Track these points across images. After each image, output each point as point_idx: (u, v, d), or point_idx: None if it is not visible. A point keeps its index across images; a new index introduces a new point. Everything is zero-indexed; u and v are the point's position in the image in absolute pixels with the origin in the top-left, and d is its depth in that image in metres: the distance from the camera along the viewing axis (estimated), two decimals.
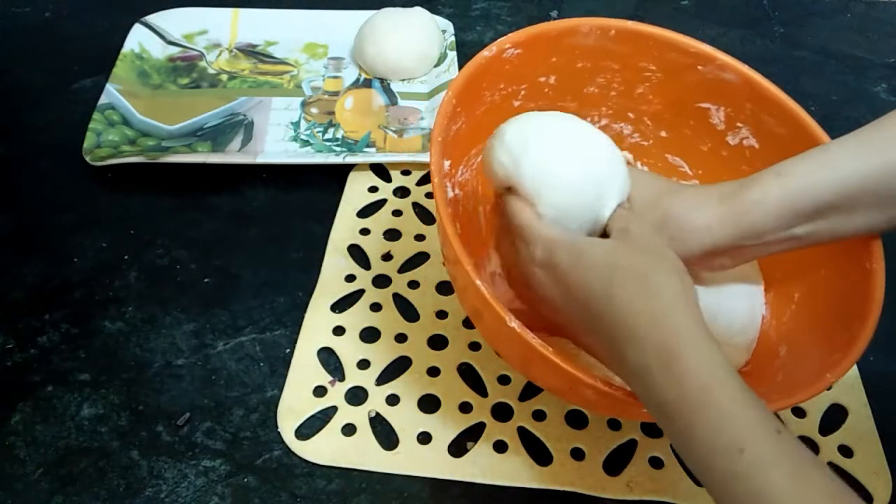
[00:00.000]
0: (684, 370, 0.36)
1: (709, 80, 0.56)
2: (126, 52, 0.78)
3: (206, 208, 0.67)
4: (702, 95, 0.57)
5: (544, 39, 0.54)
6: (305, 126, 0.74)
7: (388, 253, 0.64)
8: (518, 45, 0.53)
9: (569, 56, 0.47)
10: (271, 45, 0.83)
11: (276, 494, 0.50)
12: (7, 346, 0.56)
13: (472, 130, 0.54)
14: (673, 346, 0.36)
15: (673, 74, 0.57)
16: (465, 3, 0.91)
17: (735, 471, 0.34)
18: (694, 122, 0.58)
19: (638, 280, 0.39)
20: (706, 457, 0.35)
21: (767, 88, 0.54)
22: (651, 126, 0.60)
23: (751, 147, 0.56)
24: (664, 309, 0.38)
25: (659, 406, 0.37)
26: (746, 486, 0.33)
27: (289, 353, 0.57)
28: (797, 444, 0.34)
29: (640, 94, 0.58)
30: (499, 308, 0.42)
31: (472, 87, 0.51)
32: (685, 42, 0.55)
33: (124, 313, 0.59)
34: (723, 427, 0.34)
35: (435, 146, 0.47)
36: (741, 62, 0.55)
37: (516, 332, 0.42)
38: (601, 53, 0.55)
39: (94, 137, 0.69)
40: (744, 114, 0.56)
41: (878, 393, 0.57)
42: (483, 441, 0.53)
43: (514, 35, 0.53)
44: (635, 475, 0.51)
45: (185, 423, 0.53)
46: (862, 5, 0.96)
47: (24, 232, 0.65)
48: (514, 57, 0.53)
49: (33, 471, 0.50)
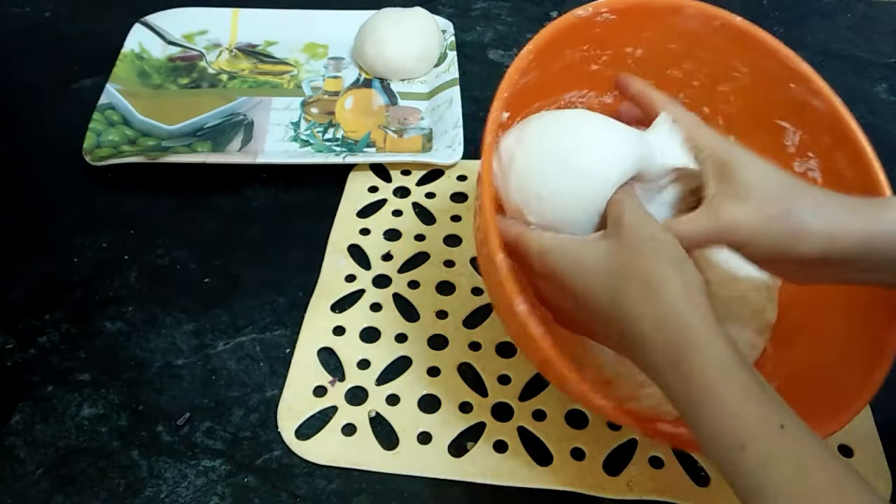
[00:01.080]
0: (689, 370, 0.36)
1: (796, 100, 0.53)
2: (126, 52, 0.78)
3: (206, 208, 0.67)
4: (784, 113, 0.54)
5: (643, 12, 0.51)
6: (305, 126, 0.74)
7: (388, 253, 0.64)
8: (615, 11, 0.50)
9: (663, 34, 0.46)
10: (271, 45, 0.83)
11: (276, 494, 0.50)
12: (7, 346, 0.56)
13: (541, 84, 0.52)
14: (678, 346, 0.37)
15: (762, 83, 0.54)
16: (465, 3, 0.91)
17: (739, 466, 0.34)
18: (767, 136, 0.55)
19: (639, 283, 0.39)
20: (714, 451, 0.36)
21: (852, 129, 0.51)
22: (723, 126, 0.57)
23: (814, 180, 0.54)
24: (666, 309, 0.38)
25: (674, 400, 0.38)
26: (749, 481, 0.34)
27: (289, 353, 0.57)
28: (803, 437, 0.35)
29: (721, 92, 0.56)
30: (509, 288, 0.42)
31: (555, 44, 0.49)
32: (787, 55, 0.53)
33: (124, 313, 0.59)
34: (725, 424, 0.35)
35: (498, 101, 0.46)
36: (835, 93, 0.52)
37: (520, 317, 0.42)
38: (697, 40, 0.53)
39: (94, 137, 0.69)
40: (819, 145, 0.53)
41: (878, 393, 0.57)
42: (483, 441, 0.53)
43: (614, 1, 0.51)
44: (635, 475, 0.51)
45: (185, 423, 0.53)
46: (862, 5, 0.96)
47: (24, 232, 0.65)
48: (607, 22, 0.50)
49: (33, 471, 0.50)
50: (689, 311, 0.38)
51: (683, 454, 0.53)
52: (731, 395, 0.35)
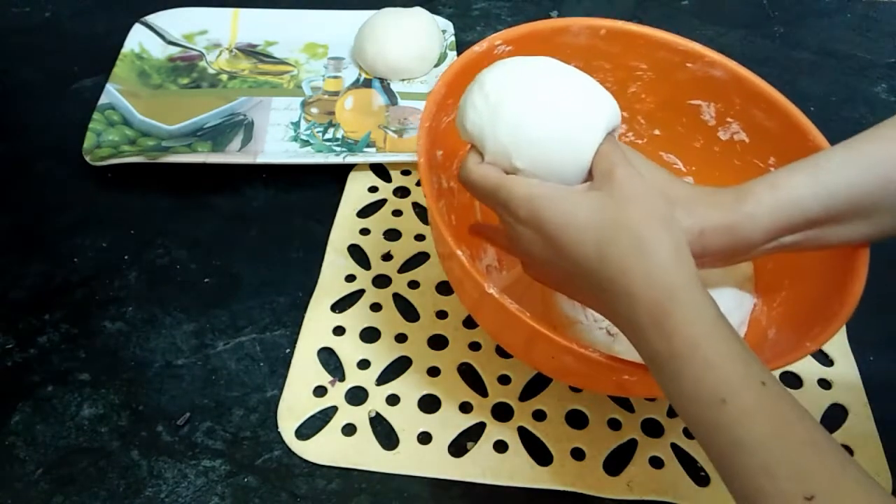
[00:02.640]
0: (673, 326, 0.37)
1: (699, 77, 0.57)
2: (126, 52, 0.78)
3: (206, 208, 0.67)
4: (692, 92, 0.58)
5: (535, 37, 0.54)
6: (305, 126, 0.74)
7: (388, 253, 0.64)
8: (509, 41, 0.53)
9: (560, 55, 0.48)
10: (271, 45, 0.83)
11: (276, 494, 0.50)
12: (7, 346, 0.56)
13: None
14: (664, 304, 0.37)
15: (664, 73, 0.57)
16: (465, 3, 0.91)
17: (718, 421, 0.35)
18: (686, 118, 0.59)
19: (629, 239, 0.39)
20: (691, 407, 0.36)
21: (755, 83, 0.55)
22: (645, 124, 0.61)
23: (741, 142, 0.57)
24: (656, 268, 0.38)
25: (650, 357, 0.38)
26: (728, 436, 0.35)
27: (289, 353, 0.57)
28: (782, 395, 0.35)
29: (632, 94, 0.59)
30: (476, 274, 0.44)
31: (463, 81, 0.50)
32: (674, 40, 0.56)
33: (124, 313, 0.59)
34: (707, 378, 0.36)
35: (422, 131, 0.48)
36: (728, 58, 0.55)
37: (494, 298, 0.43)
38: (592, 52, 0.56)
39: (94, 137, 0.69)
40: (734, 109, 0.57)
41: (878, 393, 0.57)
42: (483, 441, 0.53)
43: (505, 32, 0.54)
44: (635, 475, 0.51)
45: (185, 423, 0.53)
46: (862, 5, 0.96)
47: (24, 232, 0.65)
48: (505, 54, 0.53)
49: (33, 471, 0.50)
50: (678, 270, 0.38)
51: (684, 454, 0.53)
52: (714, 351, 0.36)
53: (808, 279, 0.52)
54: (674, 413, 0.55)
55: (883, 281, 0.63)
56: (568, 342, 0.43)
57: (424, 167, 0.47)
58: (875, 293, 0.48)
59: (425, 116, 0.49)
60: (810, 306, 0.50)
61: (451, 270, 0.51)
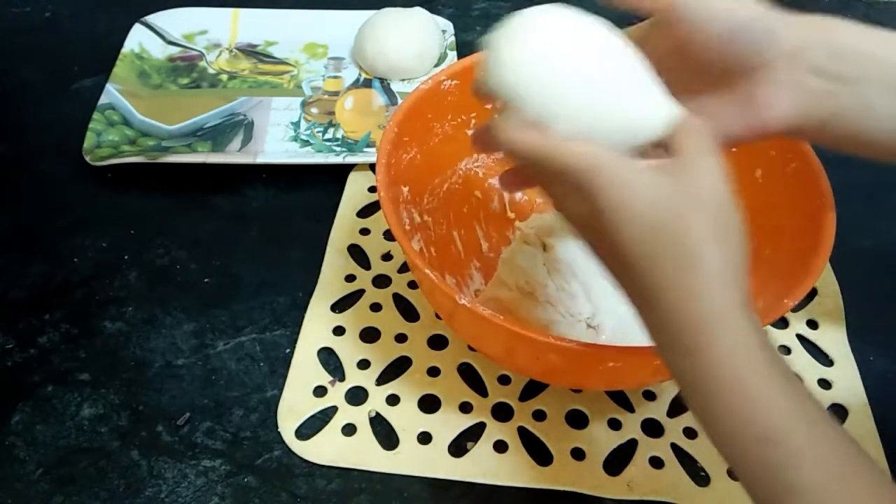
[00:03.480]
0: (715, 357, 0.34)
1: None
2: (126, 52, 0.78)
3: (206, 208, 0.67)
4: None
5: None
6: (305, 126, 0.74)
7: (388, 253, 0.64)
8: (454, 76, 0.54)
9: None
10: (271, 45, 0.83)
11: (276, 494, 0.50)
12: (7, 346, 0.56)
13: (431, 160, 0.56)
14: (706, 329, 0.34)
15: None
16: (465, 3, 0.91)
17: (767, 460, 0.33)
18: None
19: (680, 249, 0.35)
20: (735, 442, 0.34)
21: None
22: None
23: None
24: (701, 287, 0.34)
25: (679, 375, 0.36)
26: (782, 477, 0.32)
27: (289, 353, 0.57)
28: (836, 433, 0.33)
29: None
30: (446, 288, 0.44)
31: (416, 119, 0.53)
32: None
33: (124, 313, 0.59)
34: (757, 417, 0.33)
35: (380, 167, 0.49)
36: None
37: (468, 308, 0.44)
38: None
39: (94, 137, 0.69)
40: None
41: (878, 393, 0.57)
42: (483, 441, 0.53)
43: (449, 68, 0.55)
44: (635, 475, 0.51)
45: (185, 423, 0.53)
46: (862, 5, 0.96)
47: (24, 232, 0.65)
48: (453, 88, 0.53)
49: (33, 471, 0.50)
50: (724, 292, 0.35)
51: (684, 454, 0.53)
52: (762, 386, 0.33)
53: (784, 240, 0.52)
54: (674, 413, 0.55)
55: (883, 281, 0.63)
56: (545, 337, 0.43)
57: (387, 200, 0.48)
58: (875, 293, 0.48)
59: (381, 154, 0.50)
60: (787, 267, 0.50)
61: (432, 295, 0.52)
